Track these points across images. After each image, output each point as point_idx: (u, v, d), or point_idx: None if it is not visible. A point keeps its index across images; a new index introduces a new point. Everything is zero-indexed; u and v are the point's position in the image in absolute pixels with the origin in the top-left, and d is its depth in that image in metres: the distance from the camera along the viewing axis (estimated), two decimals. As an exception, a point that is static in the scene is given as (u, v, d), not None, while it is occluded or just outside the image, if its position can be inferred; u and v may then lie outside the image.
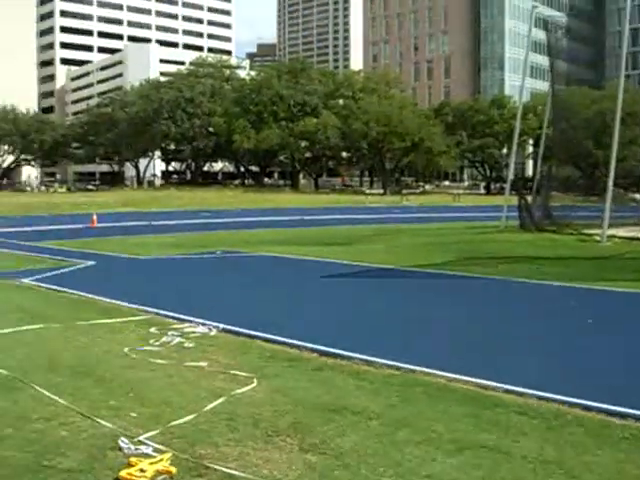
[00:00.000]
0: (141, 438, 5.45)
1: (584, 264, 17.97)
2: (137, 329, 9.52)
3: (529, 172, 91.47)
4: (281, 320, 10.42)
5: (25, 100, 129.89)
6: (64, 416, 6.03)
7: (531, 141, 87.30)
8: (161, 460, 4.99)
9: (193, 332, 9.32)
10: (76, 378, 7.19)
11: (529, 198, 29.85)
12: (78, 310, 10.96)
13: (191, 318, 10.09)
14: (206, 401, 6.39)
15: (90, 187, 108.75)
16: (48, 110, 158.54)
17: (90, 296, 12.19)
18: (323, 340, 8.70)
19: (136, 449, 5.23)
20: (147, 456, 5.09)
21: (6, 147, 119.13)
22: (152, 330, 9.39)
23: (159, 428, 5.68)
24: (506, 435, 5.54)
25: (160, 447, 5.27)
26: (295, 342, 8.63)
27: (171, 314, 10.47)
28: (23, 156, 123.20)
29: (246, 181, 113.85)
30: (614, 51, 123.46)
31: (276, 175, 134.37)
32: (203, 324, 9.70)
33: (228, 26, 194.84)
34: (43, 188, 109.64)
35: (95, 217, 30.49)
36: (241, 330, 9.35)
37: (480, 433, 5.58)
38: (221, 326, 9.55)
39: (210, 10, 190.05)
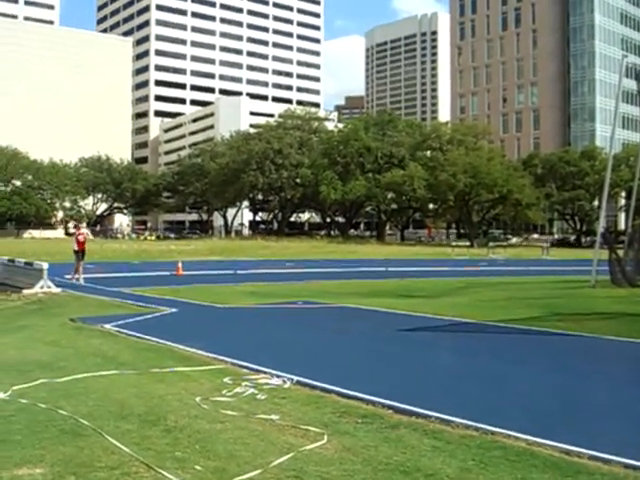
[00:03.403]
0: (203, 494, 5.29)
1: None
2: (211, 378, 9.42)
3: (622, 225, 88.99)
4: (357, 374, 10.15)
5: (120, 151, 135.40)
6: (128, 465, 5.92)
7: (623, 193, 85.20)
8: (221, 518, 4.81)
9: (267, 383, 9.15)
10: (145, 427, 7.10)
11: (620, 252, 28.77)
12: (155, 357, 10.95)
13: (266, 369, 9.91)
14: (273, 456, 6.18)
15: (178, 236, 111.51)
16: (142, 160, 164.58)
17: (169, 343, 12.19)
18: (399, 396, 8.38)
19: (197, 505, 5.07)
20: (207, 513, 4.93)
21: (100, 195, 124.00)
22: (226, 380, 9.27)
23: (222, 483, 5.50)
24: (589, 507, 5.13)
25: (222, 504, 5.09)
26: (370, 397, 8.33)
27: (246, 364, 10.33)
28: (116, 204, 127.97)
29: (332, 232, 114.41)
30: None
31: (362, 226, 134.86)
32: (278, 376, 9.52)
33: (317, 79, 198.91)
34: (134, 236, 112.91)
35: (180, 265, 30.87)
36: (316, 383, 9.12)
37: (560, 504, 5.18)
38: (295, 378, 9.35)
39: (299, 64, 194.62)
